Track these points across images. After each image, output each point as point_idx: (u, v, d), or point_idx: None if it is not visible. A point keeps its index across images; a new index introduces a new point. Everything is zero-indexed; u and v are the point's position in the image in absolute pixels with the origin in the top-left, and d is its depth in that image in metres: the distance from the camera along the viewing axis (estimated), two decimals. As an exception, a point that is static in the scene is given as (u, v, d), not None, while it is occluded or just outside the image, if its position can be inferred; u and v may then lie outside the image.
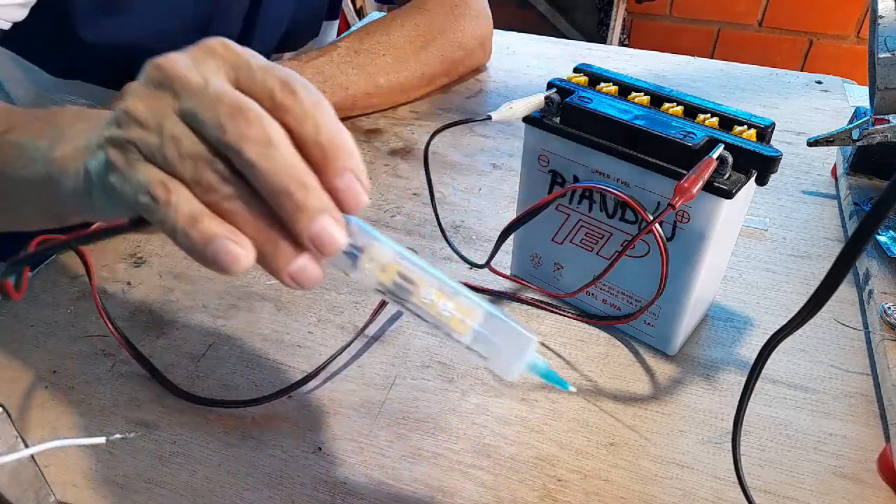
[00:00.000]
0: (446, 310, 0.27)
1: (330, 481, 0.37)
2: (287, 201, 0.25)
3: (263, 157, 0.25)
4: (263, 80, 0.26)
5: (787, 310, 0.27)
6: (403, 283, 0.27)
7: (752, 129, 0.39)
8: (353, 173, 0.26)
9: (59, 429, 0.40)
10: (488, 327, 0.28)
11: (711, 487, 0.37)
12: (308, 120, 0.26)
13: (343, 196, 0.26)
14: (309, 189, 0.25)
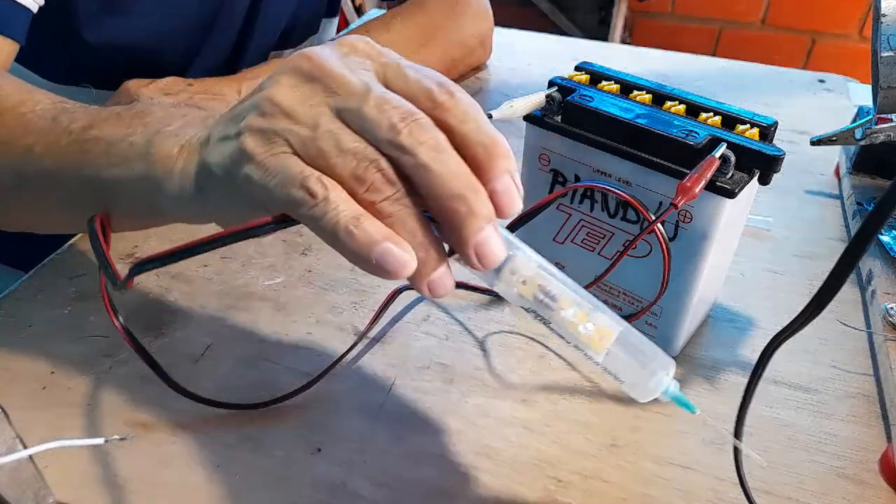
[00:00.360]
0: (586, 330, 0.27)
1: (330, 482, 0.37)
2: (461, 206, 0.24)
3: (438, 161, 0.24)
4: (418, 80, 0.26)
5: (789, 310, 0.27)
6: (545, 298, 0.26)
7: (755, 128, 0.38)
8: (510, 176, 0.26)
9: (57, 429, 0.40)
10: (623, 345, 0.27)
11: (713, 488, 0.37)
12: (470, 120, 0.25)
13: (501, 200, 0.25)
14: (479, 194, 0.25)
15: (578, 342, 0.27)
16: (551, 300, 0.26)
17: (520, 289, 0.26)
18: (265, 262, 0.53)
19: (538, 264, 0.27)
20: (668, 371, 0.27)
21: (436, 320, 0.48)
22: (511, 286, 0.26)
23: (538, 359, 0.45)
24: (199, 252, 0.28)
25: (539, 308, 0.26)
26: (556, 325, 0.27)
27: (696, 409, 0.29)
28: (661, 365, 0.27)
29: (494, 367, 0.44)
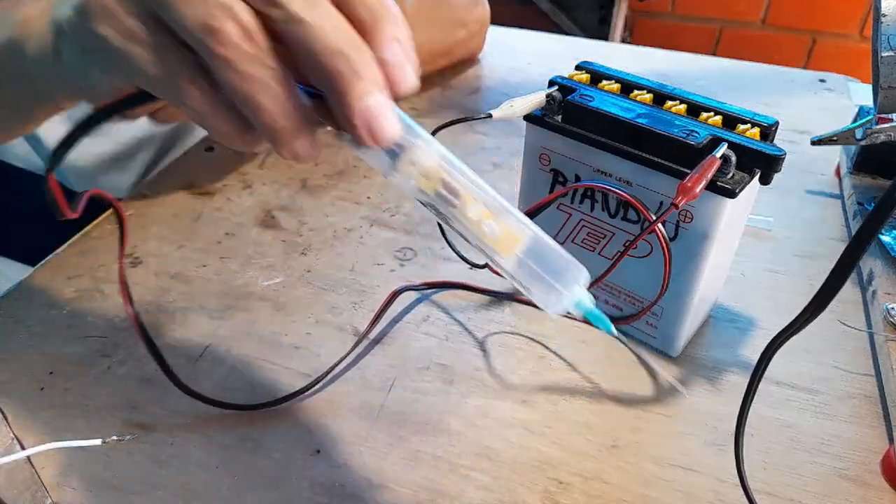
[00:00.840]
0: (491, 231, 0.24)
1: (328, 484, 0.37)
2: (342, 64, 0.21)
3: (313, 14, 0.21)
4: None
5: (790, 310, 0.26)
6: (447, 194, 0.24)
7: (756, 127, 0.38)
8: (400, 45, 0.22)
9: (55, 430, 0.40)
10: (535, 254, 0.24)
11: (714, 490, 0.37)
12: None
13: (390, 71, 0.22)
14: (363, 53, 0.21)
15: (483, 245, 0.25)
16: (454, 196, 0.24)
17: (419, 182, 0.24)
18: (264, 262, 0.52)
19: (441, 156, 0.24)
20: (581, 282, 0.25)
21: (436, 321, 0.48)
22: (410, 178, 0.24)
23: (538, 359, 0.45)
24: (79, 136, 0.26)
25: (440, 204, 0.24)
26: (458, 225, 0.24)
27: (611, 327, 0.27)
28: (574, 277, 0.25)
29: (494, 367, 0.44)
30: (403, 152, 0.24)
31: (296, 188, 0.61)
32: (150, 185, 0.62)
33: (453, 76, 0.83)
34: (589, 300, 0.26)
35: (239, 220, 0.57)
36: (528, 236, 0.25)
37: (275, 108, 0.22)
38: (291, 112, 0.22)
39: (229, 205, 0.59)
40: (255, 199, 0.60)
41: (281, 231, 0.56)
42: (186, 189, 0.61)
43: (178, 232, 0.56)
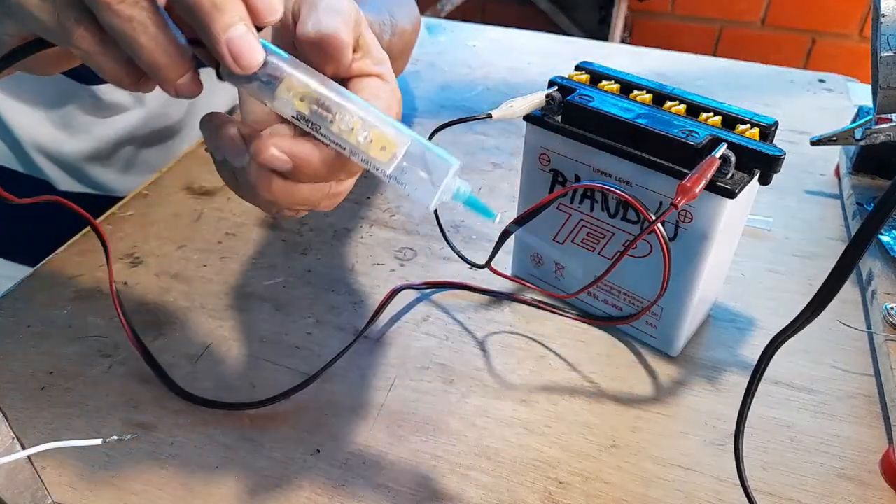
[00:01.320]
0: (365, 137, 0.26)
1: (329, 483, 0.37)
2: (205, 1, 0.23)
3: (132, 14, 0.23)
4: None
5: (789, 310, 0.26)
6: (321, 110, 0.26)
7: (755, 127, 0.38)
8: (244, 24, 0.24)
9: (55, 430, 0.40)
10: (411, 157, 0.26)
11: (714, 489, 0.37)
12: None
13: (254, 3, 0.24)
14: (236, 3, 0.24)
15: (358, 151, 0.26)
16: (328, 112, 0.26)
17: (297, 104, 0.26)
18: (265, 262, 0.52)
19: (319, 82, 0.26)
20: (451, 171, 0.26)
21: (435, 320, 0.48)
22: (287, 102, 0.26)
23: (538, 359, 0.45)
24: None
25: (317, 120, 0.26)
26: (335, 137, 0.26)
27: (494, 215, 0.28)
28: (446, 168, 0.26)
29: (494, 367, 0.44)
30: (280, 81, 0.26)
31: (296, 188, 0.61)
32: (150, 185, 0.62)
33: (453, 77, 0.83)
34: (465, 188, 0.27)
35: (239, 219, 0.57)
36: (404, 141, 0.26)
37: (154, 47, 0.24)
38: (170, 50, 0.25)
39: (230, 205, 0.59)
40: (255, 199, 0.60)
41: (281, 231, 0.56)
42: (187, 189, 0.61)
43: (178, 232, 0.56)
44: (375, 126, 0.26)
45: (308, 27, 0.26)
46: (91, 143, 0.65)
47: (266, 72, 0.26)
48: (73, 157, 0.65)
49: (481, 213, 0.28)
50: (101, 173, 0.67)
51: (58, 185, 0.66)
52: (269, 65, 0.26)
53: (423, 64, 0.86)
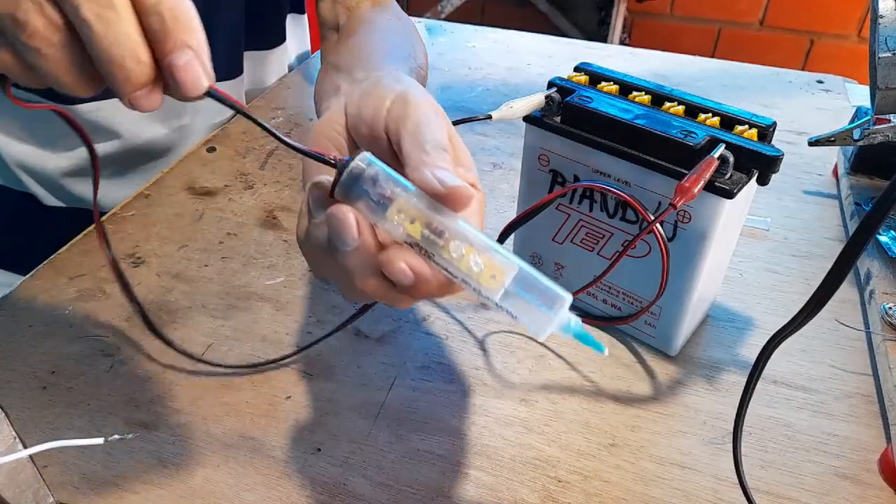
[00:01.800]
0: (476, 265, 0.26)
1: (329, 482, 0.37)
2: (118, 72, 0.24)
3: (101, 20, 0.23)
4: None
5: (788, 310, 0.27)
6: (432, 236, 0.26)
7: (754, 128, 0.38)
8: (193, 51, 0.25)
9: (57, 429, 0.40)
10: (520, 284, 0.26)
11: (712, 488, 0.37)
12: None
13: (181, 76, 0.25)
14: (142, 65, 0.24)
15: (469, 279, 0.26)
16: (439, 238, 0.26)
17: (407, 226, 0.26)
18: (266, 262, 0.53)
19: (429, 204, 0.26)
20: (565, 305, 0.27)
21: (435, 320, 0.48)
22: (397, 225, 0.26)
23: (538, 358, 0.45)
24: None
25: (429, 246, 0.26)
26: (446, 263, 0.26)
27: (604, 349, 0.28)
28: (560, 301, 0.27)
29: (494, 366, 0.44)
30: (391, 203, 0.26)
31: (297, 188, 0.61)
32: (152, 185, 0.62)
33: (453, 77, 0.83)
34: (576, 322, 0.27)
35: (240, 220, 0.57)
36: (512, 268, 0.26)
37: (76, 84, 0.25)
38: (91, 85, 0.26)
39: (231, 205, 0.59)
40: (256, 200, 0.60)
41: (282, 231, 0.56)
42: (188, 189, 0.61)
43: (179, 232, 0.56)
44: (485, 253, 0.26)
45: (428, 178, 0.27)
46: (73, 160, 0.65)
47: (377, 192, 0.26)
48: (55, 173, 0.65)
49: (592, 346, 0.28)
50: (85, 189, 0.67)
51: (43, 201, 0.67)
52: (379, 185, 0.26)
53: (423, 65, 0.86)
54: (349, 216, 0.26)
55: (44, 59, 0.24)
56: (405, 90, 0.32)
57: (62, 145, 0.64)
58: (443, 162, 0.28)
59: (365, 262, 0.27)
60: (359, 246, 0.27)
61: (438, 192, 0.26)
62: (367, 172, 0.26)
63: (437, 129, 0.29)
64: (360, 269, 0.28)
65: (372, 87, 0.33)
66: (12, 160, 0.64)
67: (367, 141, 0.32)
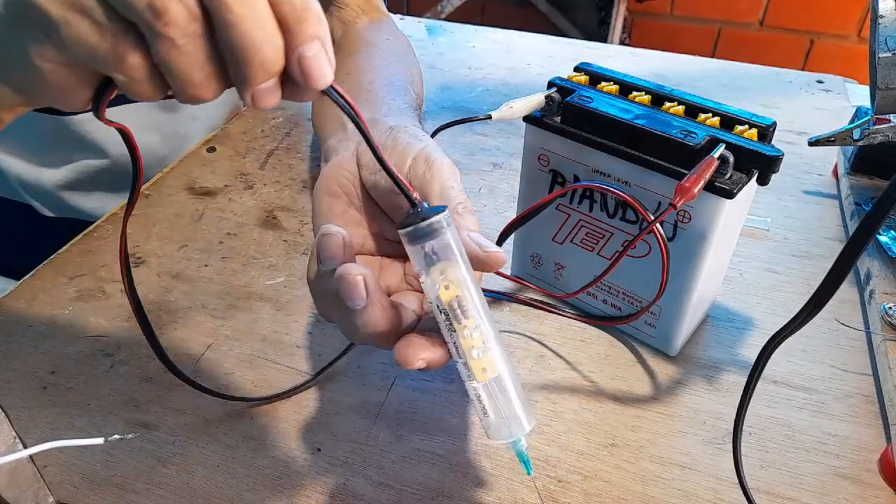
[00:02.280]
0: (478, 355, 0.28)
1: (329, 482, 0.37)
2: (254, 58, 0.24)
3: (242, 4, 0.23)
4: None
5: (788, 310, 0.27)
6: (458, 311, 0.28)
7: (754, 128, 0.38)
8: (321, 43, 0.24)
9: (57, 429, 0.40)
10: (500, 387, 0.29)
11: (712, 488, 0.37)
12: None
13: (310, 67, 0.24)
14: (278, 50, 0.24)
15: (467, 361, 0.28)
16: (463, 314, 0.28)
17: (442, 291, 0.28)
18: (266, 262, 0.53)
19: (471, 280, 0.28)
20: (525, 431, 0.30)
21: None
22: (436, 283, 0.28)
23: (538, 358, 0.45)
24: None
25: (450, 317, 0.28)
26: (455, 338, 0.28)
27: (531, 471, 0.31)
28: (522, 424, 0.29)
29: (494, 367, 0.44)
30: (439, 260, 0.28)
31: (297, 188, 0.61)
32: (152, 185, 0.62)
33: (453, 78, 0.83)
34: (523, 444, 0.30)
35: (240, 220, 0.57)
36: (501, 371, 0.29)
37: (204, 83, 0.25)
38: (216, 86, 0.25)
39: (231, 205, 0.59)
40: (256, 200, 0.60)
41: (282, 231, 0.56)
42: (188, 189, 0.61)
43: (179, 232, 0.56)
44: (490, 350, 0.28)
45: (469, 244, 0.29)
46: (68, 173, 0.65)
47: (434, 248, 0.28)
48: (52, 186, 0.65)
49: (525, 466, 0.31)
50: (82, 201, 0.67)
51: (40, 212, 0.67)
52: (440, 239, 0.28)
53: (423, 65, 0.86)
54: (358, 280, 0.27)
55: (178, 52, 0.23)
56: (426, 149, 0.33)
57: (57, 159, 0.64)
58: (473, 224, 0.30)
59: (372, 317, 0.28)
60: (368, 307, 0.28)
61: (479, 256, 0.29)
62: (442, 230, 0.28)
63: (460, 190, 0.31)
64: (365, 326, 0.29)
65: (391, 144, 0.34)
66: (10, 174, 0.64)
67: (385, 195, 0.34)
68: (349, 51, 0.58)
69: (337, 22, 0.63)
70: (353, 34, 0.61)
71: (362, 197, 0.35)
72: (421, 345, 0.29)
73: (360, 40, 0.59)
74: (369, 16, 0.64)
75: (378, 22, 0.64)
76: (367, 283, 0.28)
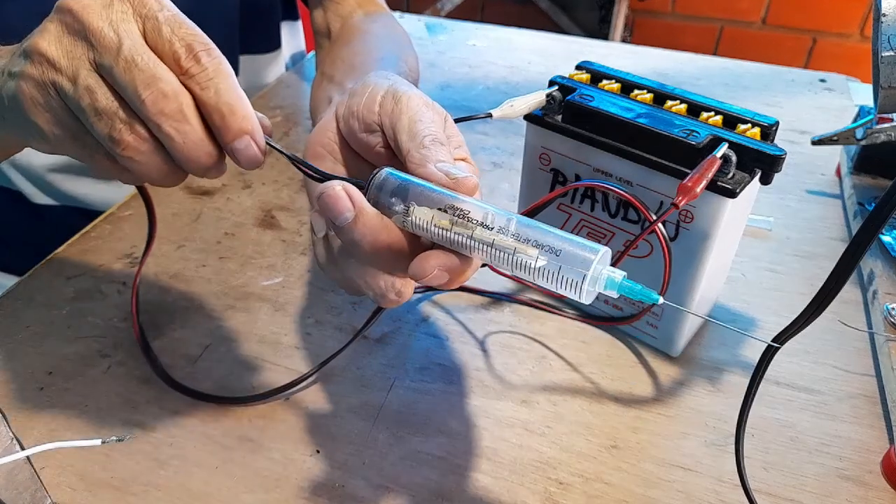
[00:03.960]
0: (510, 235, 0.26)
1: (328, 484, 0.37)
2: (195, 168, 0.30)
3: (179, 133, 0.28)
4: (170, 42, 0.28)
5: (790, 310, 0.26)
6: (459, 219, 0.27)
7: (756, 127, 0.38)
8: (249, 135, 0.29)
9: (55, 430, 0.40)
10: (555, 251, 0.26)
11: (714, 490, 0.37)
12: (210, 87, 0.28)
13: (241, 156, 0.30)
14: (216, 161, 0.30)
15: (513, 254, 0.26)
16: (467, 220, 0.27)
17: (438, 221, 0.27)
18: (264, 263, 0.52)
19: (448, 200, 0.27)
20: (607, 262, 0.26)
21: (436, 321, 0.47)
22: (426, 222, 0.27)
23: (539, 360, 0.45)
24: None
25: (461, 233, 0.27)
26: (483, 246, 0.27)
27: (658, 297, 0.26)
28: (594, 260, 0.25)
29: (494, 367, 0.44)
30: (415, 206, 0.28)
31: (295, 188, 0.61)
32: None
33: (453, 76, 0.83)
34: (620, 275, 0.26)
35: (239, 219, 0.57)
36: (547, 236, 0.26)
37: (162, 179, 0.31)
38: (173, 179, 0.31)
39: (229, 205, 0.59)
40: (254, 199, 0.60)
41: (281, 231, 0.56)
42: (186, 188, 0.61)
43: (177, 232, 0.55)
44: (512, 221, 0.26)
45: (434, 172, 0.29)
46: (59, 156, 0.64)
47: (400, 198, 0.28)
48: (41, 169, 0.65)
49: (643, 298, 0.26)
50: (73, 185, 0.66)
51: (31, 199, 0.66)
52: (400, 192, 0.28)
53: (424, 63, 0.86)
54: (338, 189, 0.28)
55: (136, 164, 0.29)
56: (394, 85, 0.33)
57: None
58: (442, 155, 0.29)
59: (374, 229, 0.28)
60: (358, 215, 0.27)
61: (446, 185, 0.28)
62: (387, 182, 0.28)
63: (430, 122, 0.31)
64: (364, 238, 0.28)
65: (360, 86, 0.34)
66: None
67: (361, 139, 0.33)
68: (344, 41, 0.59)
69: (334, 16, 0.64)
70: (349, 26, 0.62)
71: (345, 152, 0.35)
72: (434, 255, 0.27)
73: (356, 30, 0.60)
74: (365, 9, 0.64)
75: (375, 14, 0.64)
76: (351, 193, 0.27)
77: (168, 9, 0.29)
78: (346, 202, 0.27)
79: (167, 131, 0.28)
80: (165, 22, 0.28)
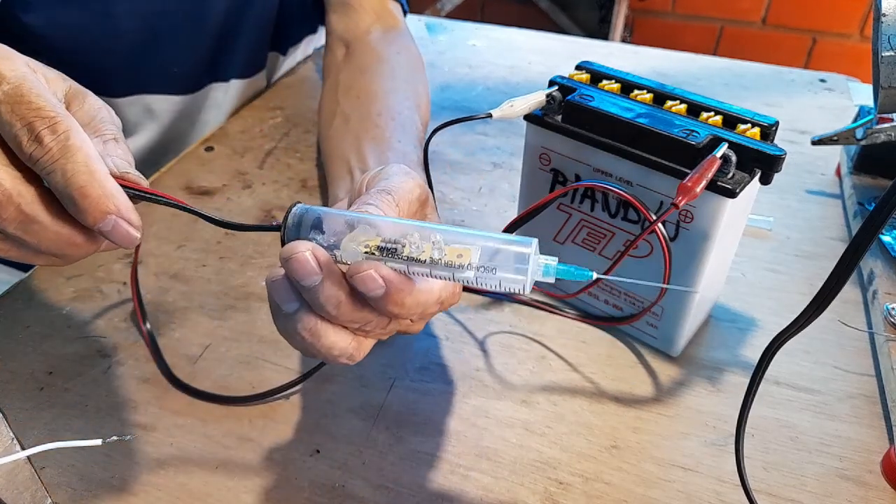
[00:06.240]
0: (440, 254, 0.27)
1: (328, 484, 0.37)
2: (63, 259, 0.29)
3: (28, 234, 0.27)
4: (10, 125, 0.26)
5: (790, 310, 0.26)
6: (389, 245, 0.27)
7: (756, 127, 0.38)
8: (113, 215, 0.27)
9: (55, 430, 0.40)
10: (488, 255, 0.27)
11: (715, 490, 0.37)
12: (56, 170, 0.26)
13: (112, 237, 0.27)
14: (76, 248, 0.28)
15: (443, 268, 0.27)
16: (394, 243, 0.27)
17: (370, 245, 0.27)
18: (264, 262, 0.52)
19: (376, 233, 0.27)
20: (534, 252, 0.27)
21: (435, 321, 0.47)
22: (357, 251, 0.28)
23: (539, 360, 0.45)
24: None
25: (391, 256, 0.27)
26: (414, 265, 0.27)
27: (591, 273, 0.28)
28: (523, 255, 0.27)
29: (494, 367, 0.44)
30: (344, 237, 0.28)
31: (295, 188, 0.61)
32: (150, 184, 0.61)
33: (453, 76, 0.83)
34: (553, 260, 0.27)
35: (239, 220, 0.57)
36: (476, 247, 0.27)
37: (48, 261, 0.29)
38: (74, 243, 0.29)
39: (229, 205, 0.59)
40: (254, 199, 0.60)
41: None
42: (186, 189, 0.61)
43: (177, 231, 0.55)
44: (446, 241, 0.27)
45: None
46: None
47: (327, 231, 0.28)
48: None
49: (576, 277, 0.28)
50: None
51: None
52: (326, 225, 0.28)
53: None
54: (305, 254, 0.27)
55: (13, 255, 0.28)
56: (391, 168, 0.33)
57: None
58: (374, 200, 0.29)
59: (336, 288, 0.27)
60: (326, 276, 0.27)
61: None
62: (306, 216, 0.29)
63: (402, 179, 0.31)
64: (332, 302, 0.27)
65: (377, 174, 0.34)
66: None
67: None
68: (361, 66, 0.59)
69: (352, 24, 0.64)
70: (366, 45, 0.62)
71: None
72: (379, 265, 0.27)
73: (373, 54, 0.60)
74: (383, 23, 0.64)
75: (392, 32, 0.64)
76: (317, 254, 0.27)
77: (9, 81, 0.26)
78: (313, 265, 0.27)
79: (14, 235, 0.27)
80: (5, 100, 0.26)
